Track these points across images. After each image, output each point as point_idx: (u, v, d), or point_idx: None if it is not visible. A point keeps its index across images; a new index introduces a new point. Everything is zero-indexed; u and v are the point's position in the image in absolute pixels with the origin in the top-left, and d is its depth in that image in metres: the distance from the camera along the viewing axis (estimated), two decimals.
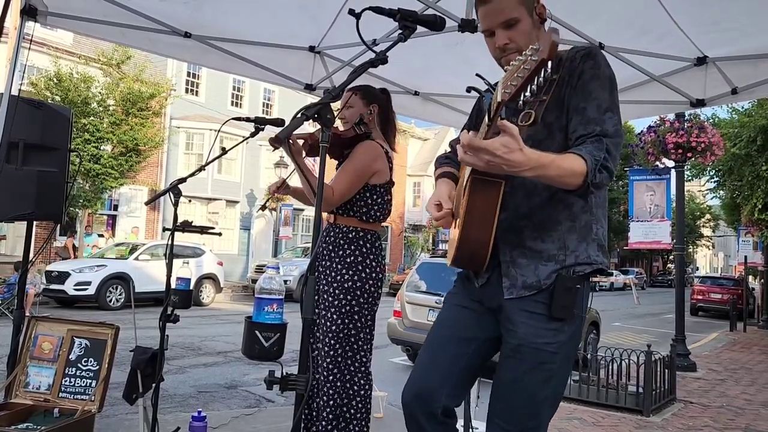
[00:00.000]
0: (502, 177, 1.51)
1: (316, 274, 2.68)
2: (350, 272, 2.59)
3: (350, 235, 2.64)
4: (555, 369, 1.58)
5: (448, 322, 1.78)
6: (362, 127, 2.65)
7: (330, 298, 2.58)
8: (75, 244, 15.42)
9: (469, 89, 1.79)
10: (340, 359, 2.56)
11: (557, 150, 1.51)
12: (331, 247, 2.66)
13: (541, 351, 1.55)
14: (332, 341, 2.56)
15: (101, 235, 16.74)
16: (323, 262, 2.67)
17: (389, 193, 2.74)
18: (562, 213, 1.60)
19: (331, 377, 2.56)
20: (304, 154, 2.53)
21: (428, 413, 1.66)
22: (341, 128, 2.70)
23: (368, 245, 2.66)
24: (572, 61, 1.60)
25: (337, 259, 2.62)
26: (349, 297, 2.57)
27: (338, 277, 2.59)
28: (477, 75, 1.77)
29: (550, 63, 1.20)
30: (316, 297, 2.68)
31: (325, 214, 2.70)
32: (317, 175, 1.64)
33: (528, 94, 1.24)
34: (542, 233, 1.60)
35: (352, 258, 2.61)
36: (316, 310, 2.69)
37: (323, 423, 2.59)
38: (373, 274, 2.64)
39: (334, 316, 2.56)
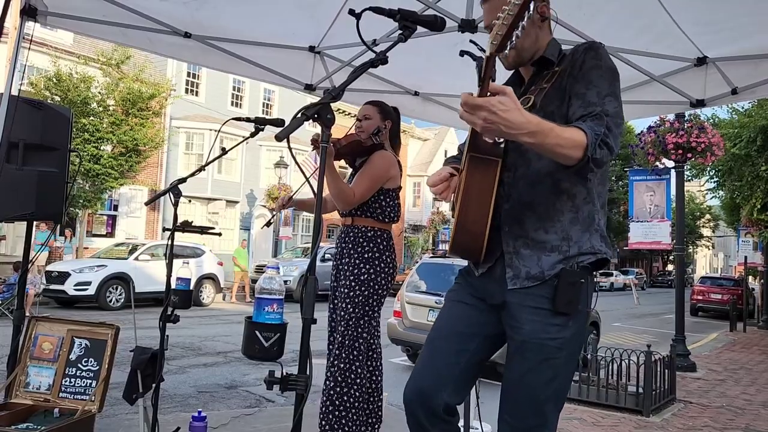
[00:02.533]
0: (499, 155, 1.53)
1: (337, 271, 2.96)
2: (367, 266, 2.85)
3: (369, 234, 2.90)
4: (559, 366, 1.58)
5: (450, 318, 1.77)
6: (378, 138, 2.93)
7: (346, 290, 2.84)
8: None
9: (462, 53, 1.80)
10: (346, 342, 2.78)
11: None
12: (351, 246, 2.91)
13: (545, 346, 1.55)
14: (342, 328, 2.80)
15: (62, 234, 14.98)
16: (343, 260, 2.93)
17: (399, 197, 3.02)
18: (566, 203, 1.60)
19: (336, 362, 2.77)
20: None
21: (430, 411, 1.66)
22: (362, 137, 2.96)
23: (385, 243, 2.93)
24: (574, 53, 1.62)
25: (356, 255, 2.88)
26: (363, 288, 2.83)
27: (355, 271, 2.85)
28: (471, 41, 1.78)
29: (532, 4, 1.25)
30: (335, 292, 2.95)
31: (328, 217, 2.81)
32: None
33: (514, 39, 1.28)
34: (545, 223, 1.60)
35: (370, 254, 2.87)
36: (334, 305, 2.97)
37: (323, 399, 2.76)
38: (387, 269, 2.90)
39: (349, 307, 2.81)
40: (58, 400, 2.94)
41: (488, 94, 1.32)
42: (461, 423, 3.12)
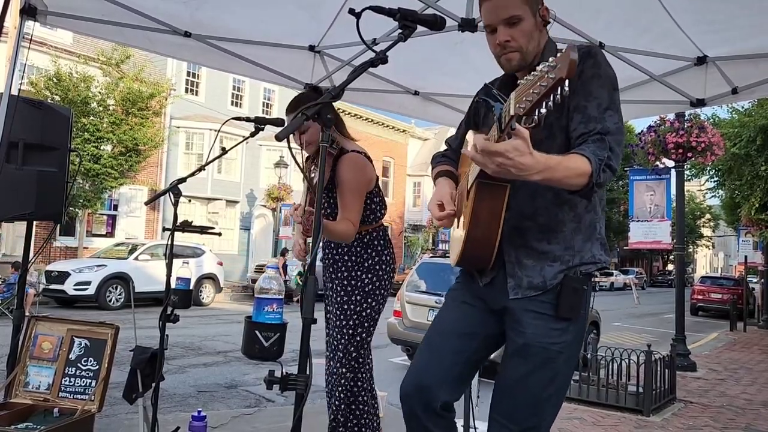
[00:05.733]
0: (508, 180, 1.50)
1: (330, 280, 2.74)
2: (369, 275, 2.66)
3: (365, 240, 2.68)
4: (559, 368, 1.59)
5: (450, 317, 1.78)
6: (335, 145, 2.62)
7: (353, 305, 2.63)
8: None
9: (479, 100, 1.81)
10: (351, 357, 2.63)
11: (558, 149, 1.51)
12: (345, 253, 2.68)
13: (547, 350, 1.57)
14: (348, 344, 2.62)
15: None
16: (336, 266, 2.70)
17: (381, 191, 2.78)
18: (568, 214, 1.61)
19: (342, 377, 2.62)
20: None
21: (427, 407, 1.67)
22: (308, 152, 2.69)
23: (382, 242, 2.73)
24: None
25: (355, 266, 2.66)
26: (369, 300, 2.65)
27: (359, 283, 2.64)
28: (486, 85, 1.78)
29: (567, 81, 1.15)
30: (328, 299, 2.75)
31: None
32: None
33: (543, 110, 1.19)
34: (547, 234, 1.61)
35: (370, 261, 2.67)
36: (328, 312, 2.77)
37: (338, 418, 2.66)
38: (388, 269, 2.72)
39: (351, 321, 2.62)
40: (57, 399, 2.94)
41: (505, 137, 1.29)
42: (461, 423, 3.13)
